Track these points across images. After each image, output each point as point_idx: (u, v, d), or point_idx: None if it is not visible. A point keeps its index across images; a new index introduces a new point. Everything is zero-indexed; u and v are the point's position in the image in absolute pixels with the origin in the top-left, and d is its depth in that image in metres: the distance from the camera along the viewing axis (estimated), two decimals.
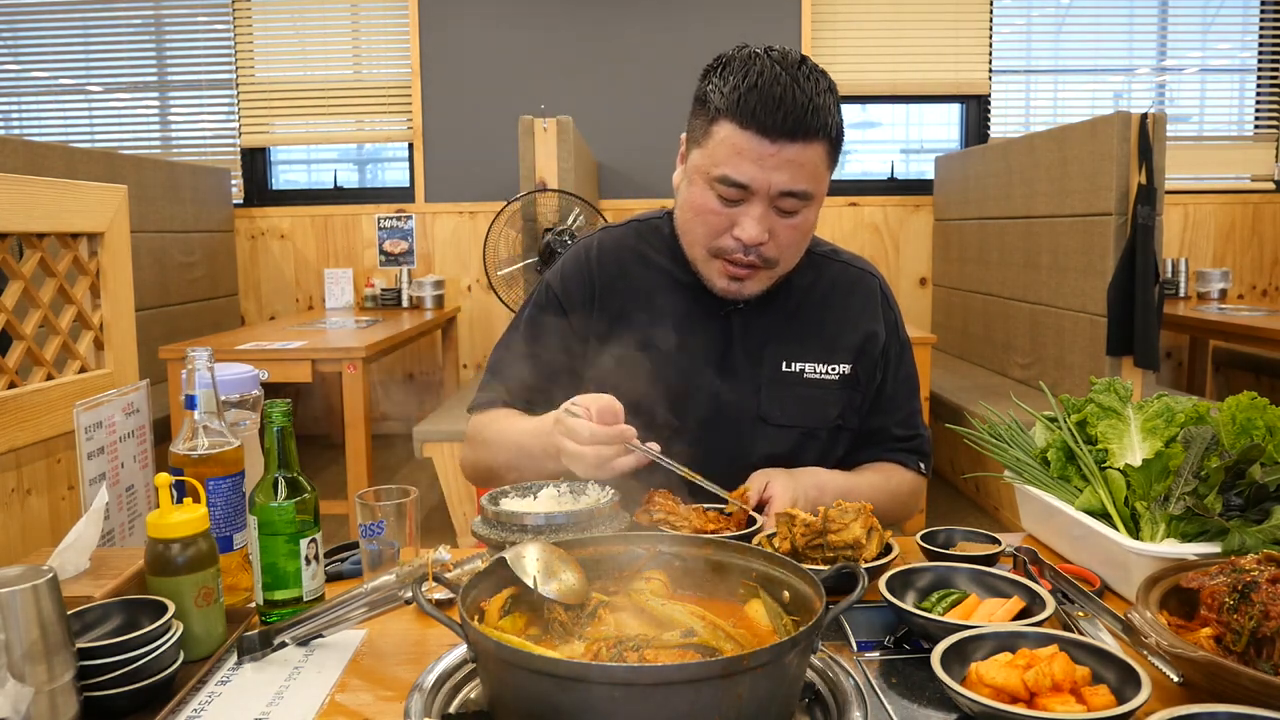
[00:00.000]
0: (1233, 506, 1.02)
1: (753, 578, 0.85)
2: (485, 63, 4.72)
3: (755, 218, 1.20)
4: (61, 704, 0.76)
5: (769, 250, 1.23)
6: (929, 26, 4.77)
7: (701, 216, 1.24)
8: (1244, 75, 4.93)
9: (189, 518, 0.91)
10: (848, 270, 1.42)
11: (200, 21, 4.90)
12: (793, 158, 1.17)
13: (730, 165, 1.18)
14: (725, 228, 1.23)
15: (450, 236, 4.86)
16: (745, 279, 1.26)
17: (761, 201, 1.19)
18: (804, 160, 1.18)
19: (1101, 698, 0.73)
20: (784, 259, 1.27)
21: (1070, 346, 3.42)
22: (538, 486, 1.11)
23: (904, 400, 1.42)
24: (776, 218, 1.21)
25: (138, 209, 3.76)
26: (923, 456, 1.42)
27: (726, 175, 1.18)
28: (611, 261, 1.38)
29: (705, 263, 1.28)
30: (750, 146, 1.16)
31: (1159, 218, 3.02)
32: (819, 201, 1.25)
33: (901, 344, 1.43)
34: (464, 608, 0.73)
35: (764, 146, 1.16)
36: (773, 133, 1.15)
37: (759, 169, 1.17)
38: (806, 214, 1.23)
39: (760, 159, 1.16)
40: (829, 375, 1.35)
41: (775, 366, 1.34)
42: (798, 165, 1.17)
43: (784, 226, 1.22)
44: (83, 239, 1.55)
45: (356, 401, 3.16)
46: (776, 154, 1.16)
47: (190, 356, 1.01)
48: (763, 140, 1.16)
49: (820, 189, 1.23)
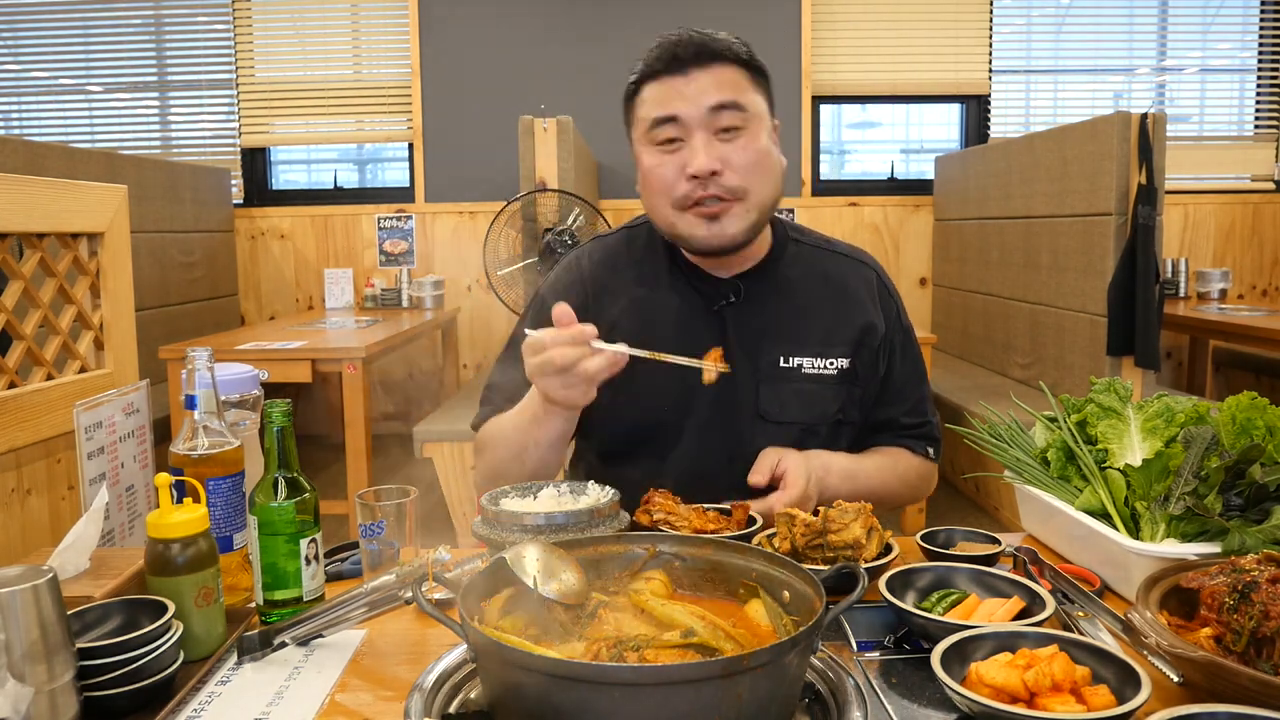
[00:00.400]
0: (1233, 506, 1.02)
1: (753, 578, 0.85)
2: (485, 63, 4.72)
3: (699, 146, 1.22)
4: (61, 704, 0.76)
5: (729, 179, 1.23)
6: (929, 26, 4.77)
7: (654, 175, 1.26)
8: (1244, 75, 4.93)
9: (189, 518, 0.91)
10: (842, 261, 1.42)
11: (200, 21, 4.90)
12: (708, 78, 1.22)
13: (655, 109, 1.24)
14: (677, 174, 1.24)
15: (450, 236, 4.86)
16: (720, 215, 1.25)
17: (698, 129, 1.22)
18: (720, 79, 1.22)
19: (1101, 698, 0.73)
20: (750, 186, 1.25)
21: (1070, 346, 3.42)
22: (537, 487, 1.11)
23: (911, 389, 1.42)
24: (721, 144, 1.23)
25: (138, 209, 3.76)
26: (931, 442, 1.42)
27: (655, 116, 1.23)
28: (603, 269, 1.39)
29: (679, 220, 1.27)
30: (666, 87, 1.23)
31: (1159, 218, 3.02)
32: (762, 126, 1.26)
33: (905, 332, 1.42)
34: (464, 608, 0.73)
35: (677, 80, 1.23)
36: (679, 65, 1.22)
37: (680, 98, 1.22)
38: (751, 133, 1.24)
39: (678, 91, 1.22)
40: (827, 370, 1.34)
41: (772, 362, 1.33)
42: (716, 82, 1.22)
43: (733, 150, 1.23)
44: (83, 239, 1.55)
45: (356, 401, 3.16)
46: (689, 80, 1.22)
47: (190, 356, 1.01)
48: (674, 76, 1.23)
49: (754, 105, 1.25)
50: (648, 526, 1.11)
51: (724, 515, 1.16)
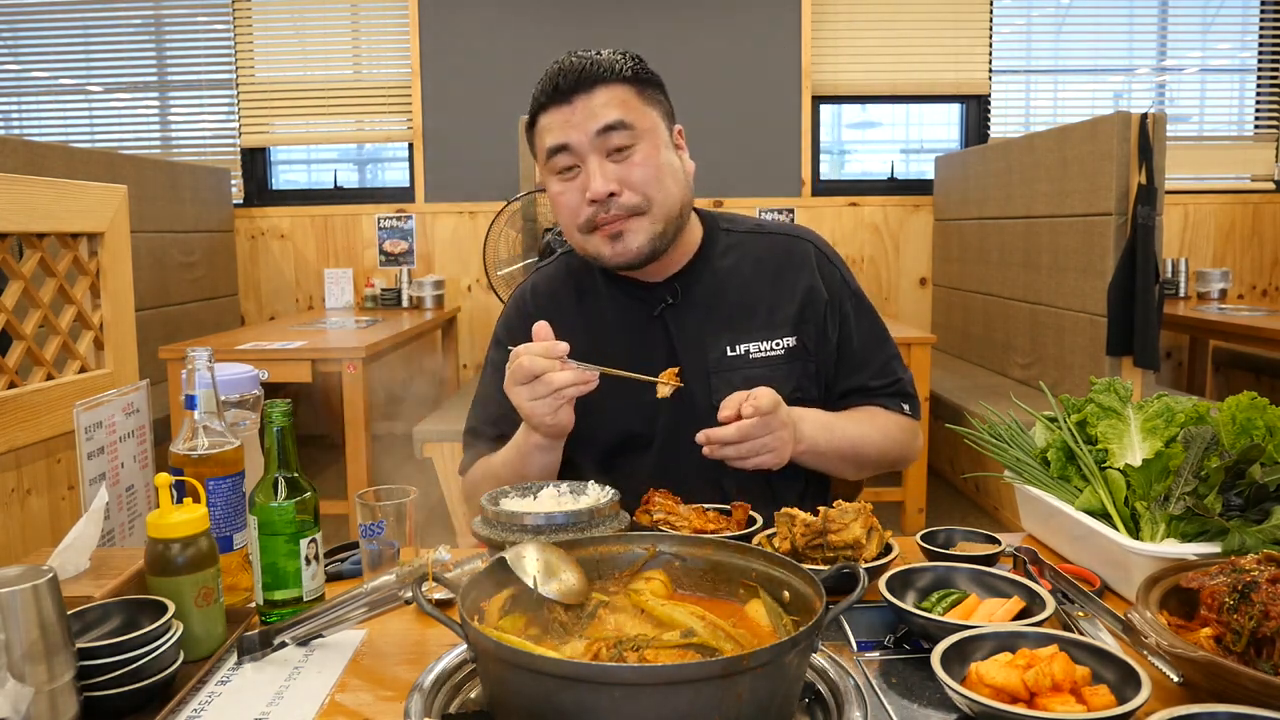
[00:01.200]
0: (1233, 506, 1.02)
1: (753, 578, 0.85)
2: (485, 63, 4.72)
3: (594, 171, 1.25)
4: (61, 704, 0.76)
5: (627, 198, 1.26)
6: (929, 26, 4.77)
7: (559, 202, 1.31)
8: (1244, 75, 4.93)
9: (189, 518, 0.91)
10: (776, 240, 1.42)
11: (200, 21, 4.90)
12: (593, 104, 1.24)
13: (549, 139, 1.27)
14: (579, 200, 1.27)
15: (450, 236, 4.86)
16: (623, 233, 1.28)
17: (591, 153, 1.25)
18: (606, 100, 1.25)
19: (1101, 698, 0.73)
20: (651, 199, 1.27)
21: (1070, 346, 3.42)
22: (537, 487, 1.11)
23: (873, 352, 1.41)
24: (616, 167, 1.25)
25: (138, 209, 3.76)
26: (905, 398, 1.42)
27: (549, 146, 1.27)
28: (546, 299, 1.43)
29: (587, 243, 1.31)
30: (554, 118, 1.26)
31: (1159, 218, 3.02)
32: (655, 137, 1.28)
33: (855, 297, 1.42)
34: (464, 608, 0.73)
35: (564, 110, 1.25)
36: (563, 95, 1.25)
37: (568, 125, 1.25)
38: (643, 149, 1.26)
39: (566, 119, 1.25)
40: (774, 351, 1.35)
41: (720, 353, 1.35)
42: (602, 105, 1.25)
43: (627, 169, 1.26)
44: (83, 239, 1.55)
45: (356, 401, 3.16)
46: (574, 108, 1.25)
47: (190, 356, 1.01)
48: (560, 106, 1.25)
49: (642, 121, 1.27)
50: (648, 527, 1.12)
51: (724, 515, 1.16)
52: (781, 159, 4.80)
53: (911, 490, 3.45)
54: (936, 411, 3.63)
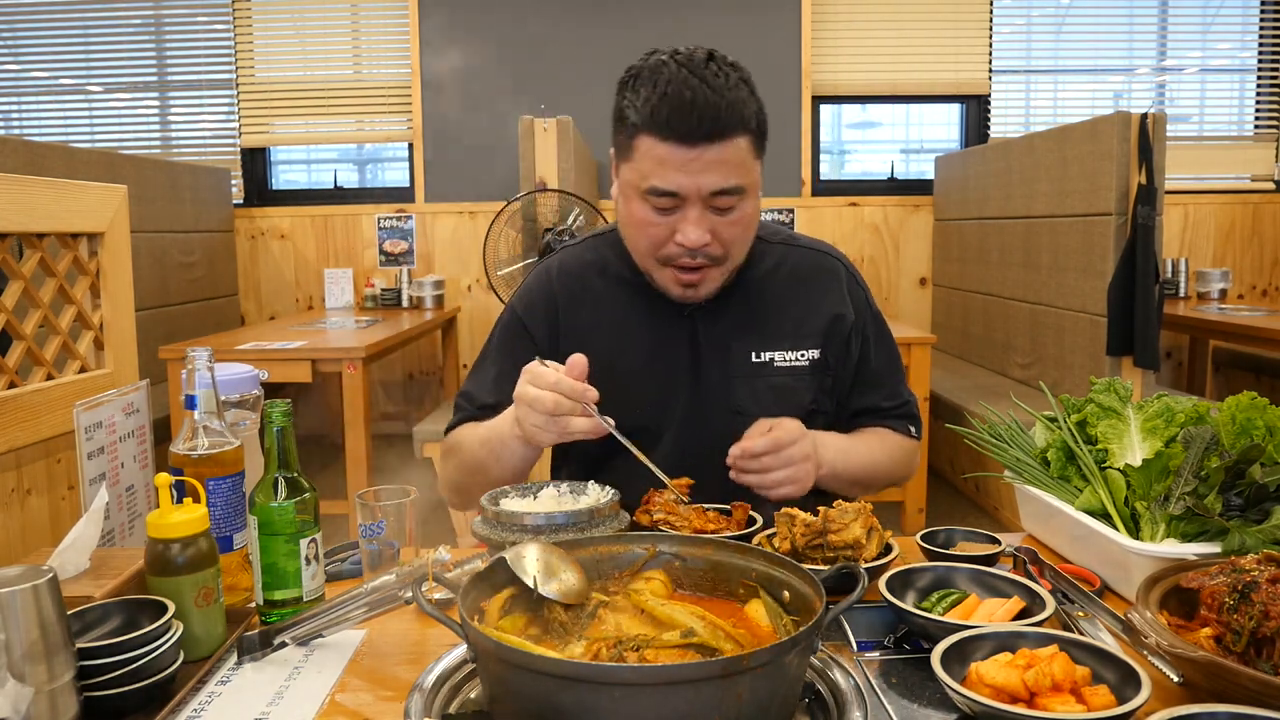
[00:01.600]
0: (1233, 506, 1.02)
1: (753, 578, 0.85)
2: (485, 63, 4.72)
3: (693, 221, 1.21)
4: (61, 704, 0.76)
5: (714, 249, 1.25)
6: (929, 26, 4.77)
7: (641, 229, 1.26)
8: (1244, 75, 4.93)
9: (189, 518, 0.91)
10: (807, 255, 1.43)
11: (200, 21, 4.90)
12: (716, 157, 1.18)
13: (657, 176, 1.19)
14: (667, 236, 1.24)
15: (450, 236, 4.86)
16: (698, 282, 1.28)
17: (695, 204, 1.21)
18: (728, 157, 1.19)
19: (1101, 698, 0.73)
20: (732, 254, 1.28)
21: (1070, 346, 3.42)
22: (537, 486, 1.11)
23: (888, 375, 1.44)
24: (714, 217, 1.23)
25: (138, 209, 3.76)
26: (912, 421, 1.45)
27: (655, 186, 1.20)
28: (572, 278, 1.41)
29: (657, 272, 1.30)
30: (672, 155, 1.17)
31: (1159, 218, 3.02)
32: (754, 192, 1.27)
33: (876, 319, 1.44)
34: (464, 608, 0.73)
35: (685, 153, 1.17)
36: (691, 138, 1.16)
37: (685, 175, 1.18)
38: (744, 207, 1.24)
39: (684, 165, 1.18)
40: (799, 362, 1.36)
41: (745, 359, 1.35)
42: (722, 163, 1.18)
43: (724, 224, 1.24)
44: (83, 239, 1.55)
45: (356, 401, 3.16)
46: (699, 157, 1.17)
47: (190, 356, 1.01)
48: (683, 147, 1.17)
49: (751, 180, 1.24)
50: (648, 527, 1.12)
51: (724, 515, 1.16)
52: (781, 159, 4.79)
53: (911, 490, 3.45)
54: (936, 411, 3.63)
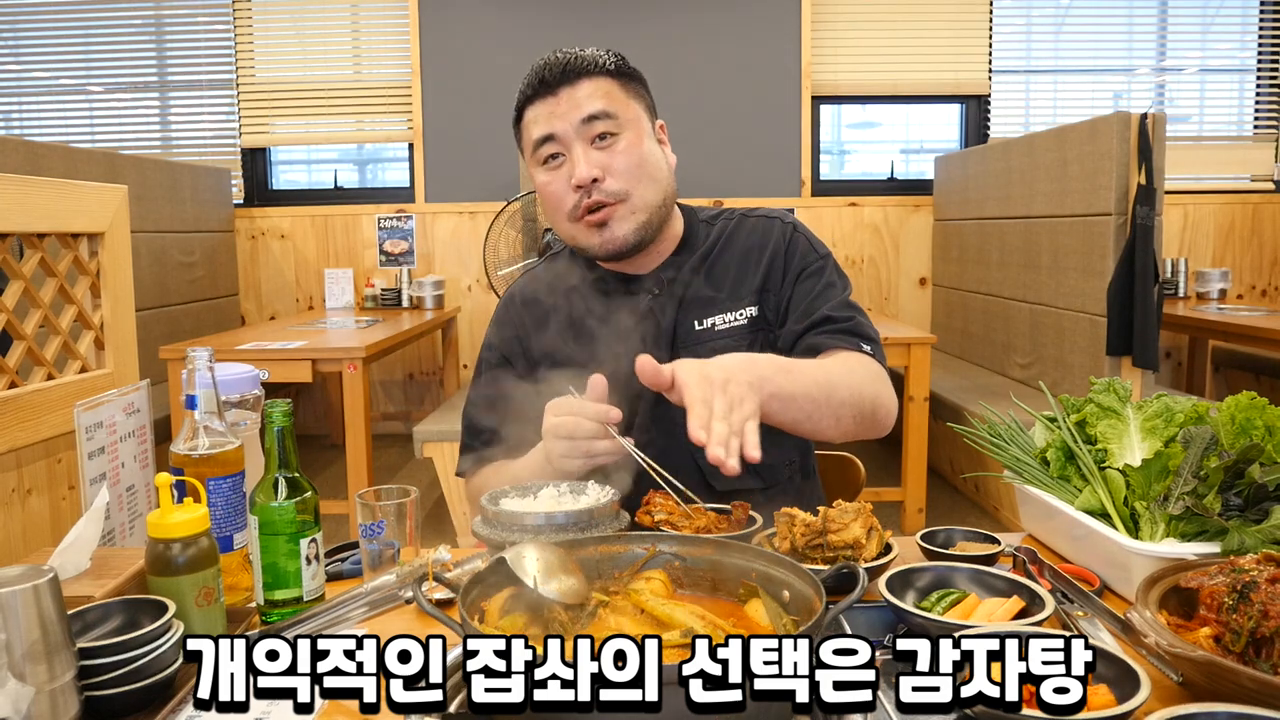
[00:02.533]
0: (1232, 506, 1.02)
1: (753, 578, 0.85)
2: (485, 63, 4.72)
3: (578, 157, 1.28)
4: (62, 704, 0.76)
5: (609, 184, 1.29)
6: (929, 26, 4.77)
7: (546, 192, 1.33)
8: (1244, 75, 4.94)
9: (189, 518, 0.91)
10: (754, 222, 1.45)
11: (200, 21, 4.90)
12: (578, 95, 1.29)
13: (535, 131, 1.31)
14: (565, 187, 1.30)
15: (450, 236, 4.86)
16: (607, 221, 1.31)
17: (575, 141, 1.29)
18: (590, 92, 1.29)
19: (1101, 698, 0.73)
20: (632, 189, 1.30)
21: (1070, 346, 3.42)
22: (537, 486, 1.11)
23: (829, 298, 1.35)
24: (599, 152, 1.29)
25: (138, 209, 3.77)
26: (864, 339, 1.32)
27: (534, 138, 1.31)
28: (533, 302, 1.45)
29: (575, 232, 1.34)
30: (541, 109, 1.31)
31: (1158, 218, 3.02)
32: (638, 128, 1.32)
33: (821, 259, 1.39)
34: (464, 608, 0.73)
35: (549, 101, 1.30)
36: (548, 87, 1.30)
37: (553, 115, 1.29)
38: (626, 138, 1.30)
39: (551, 111, 1.30)
40: (738, 321, 1.37)
41: (688, 330, 1.37)
42: (585, 96, 1.29)
43: (610, 156, 1.29)
44: (83, 239, 1.55)
45: (356, 401, 3.16)
46: (559, 98, 1.29)
47: (190, 356, 1.01)
48: (545, 98, 1.30)
49: (625, 112, 1.31)
50: (649, 527, 1.12)
51: (724, 515, 1.16)
52: (781, 159, 4.80)
53: (911, 490, 3.46)
54: (936, 411, 3.63)
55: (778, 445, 1.40)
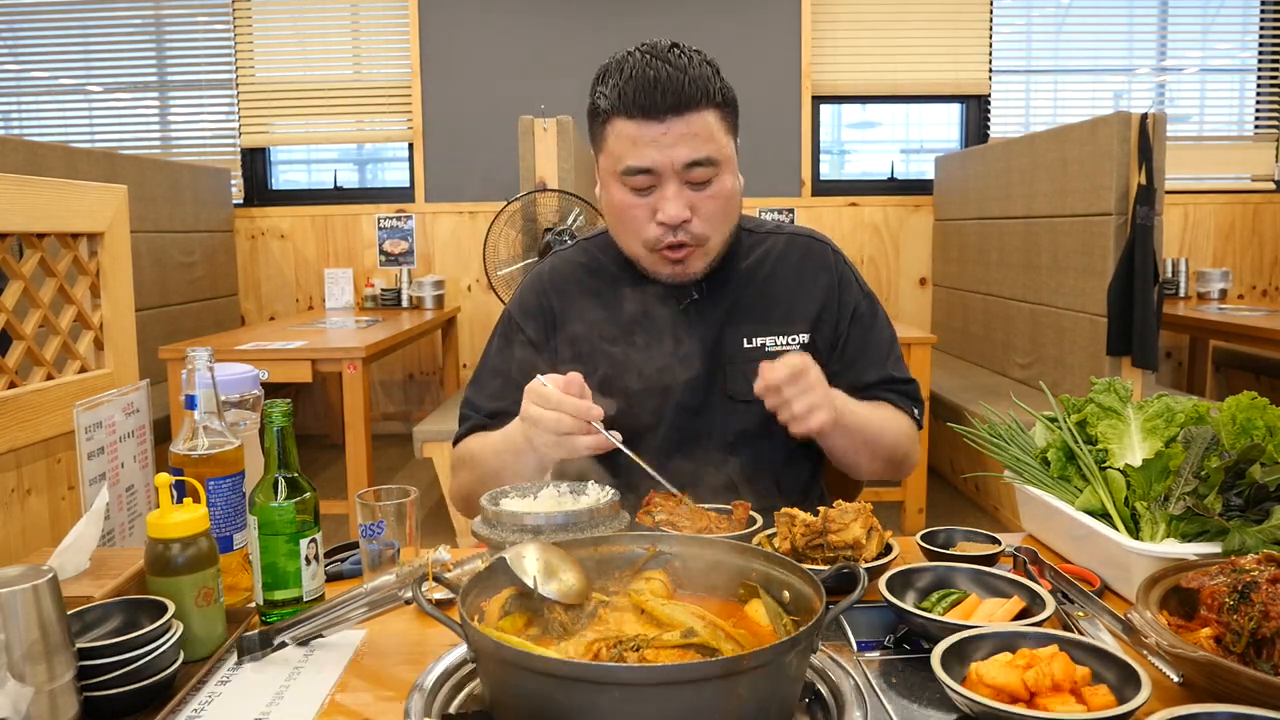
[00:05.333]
0: (1233, 506, 1.02)
1: (753, 578, 0.85)
2: (485, 63, 4.71)
3: (670, 197, 1.24)
4: (61, 704, 0.76)
5: (696, 226, 1.27)
6: (929, 26, 4.77)
7: (623, 214, 1.29)
8: (1244, 75, 4.93)
9: (189, 518, 0.91)
10: (795, 240, 1.44)
11: (200, 21, 4.90)
12: (685, 130, 1.21)
13: (631, 156, 1.23)
14: (648, 218, 1.27)
15: (450, 236, 4.86)
16: (685, 259, 1.29)
17: (671, 180, 1.24)
18: (697, 129, 1.22)
19: (1101, 698, 0.73)
20: (714, 231, 1.29)
21: (1070, 346, 3.42)
22: (538, 487, 1.11)
23: (886, 353, 1.43)
24: (692, 193, 1.25)
25: (138, 209, 3.76)
26: (915, 402, 1.42)
27: (629, 165, 1.24)
28: (565, 281, 1.43)
29: (645, 258, 1.32)
30: (642, 132, 1.22)
31: (1159, 218, 3.02)
32: (730, 166, 1.29)
33: (869, 299, 1.45)
34: (464, 608, 0.73)
35: (654, 128, 1.21)
36: (657, 112, 1.21)
37: (656, 149, 1.22)
38: (720, 181, 1.27)
39: (655, 140, 1.22)
40: (789, 346, 1.37)
41: (737, 345, 1.37)
42: (692, 135, 1.22)
43: (702, 199, 1.26)
44: (83, 239, 1.55)
45: (356, 401, 3.16)
46: (667, 131, 1.21)
47: (190, 356, 1.01)
48: (650, 123, 1.21)
49: (724, 153, 1.26)
50: (649, 528, 1.11)
51: (724, 515, 1.16)
52: (781, 159, 4.80)
53: (911, 490, 3.46)
54: (936, 411, 3.63)
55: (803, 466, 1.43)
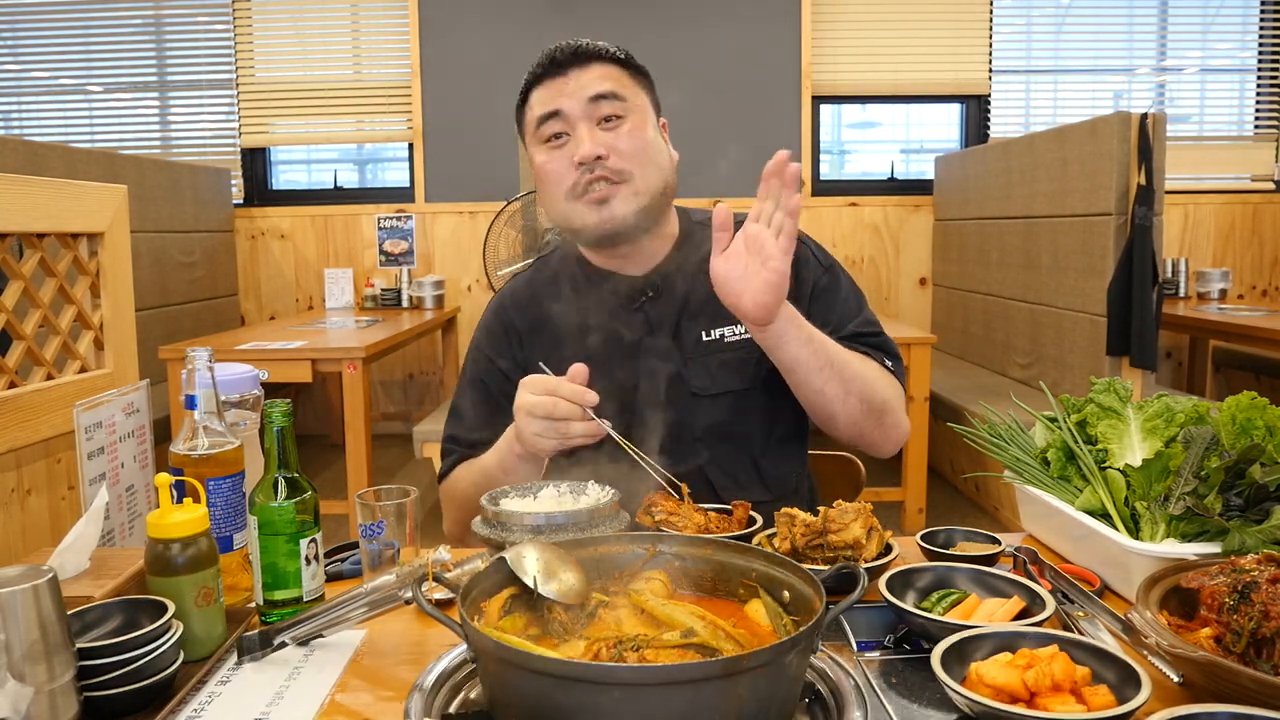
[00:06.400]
0: (1233, 506, 1.02)
1: (753, 578, 0.85)
2: (485, 63, 4.72)
3: (583, 135, 1.28)
4: (61, 704, 0.76)
5: (614, 162, 1.28)
6: (929, 26, 4.77)
7: (546, 170, 1.33)
8: (1244, 75, 4.93)
9: (189, 518, 0.91)
10: None
11: (200, 21, 4.90)
12: (587, 76, 1.30)
13: (540, 108, 1.32)
14: (566, 165, 1.30)
15: (450, 236, 4.86)
16: (608, 198, 1.30)
17: (581, 119, 1.29)
18: (599, 75, 1.30)
19: (1101, 698, 0.73)
20: (634, 167, 1.30)
21: (1070, 346, 3.42)
22: (538, 487, 1.11)
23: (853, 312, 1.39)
24: (604, 133, 1.29)
25: (138, 209, 3.76)
26: (888, 355, 1.37)
27: (539, 115, 1.31)
28: (526, 303, 1.44)
29: (572, 211, 1.32)
30: (548, 88, 1.31)
31: (1158, 218, 3.02)
32: (644, 116, 1.32)
33: (828, 269, 1.41)
34: (464, 608, 0.73)
35: (557, 80, 1.31)
36: (558, 68, 1.31)
37: (561, 94, 1.30)
38: (634, 122, 1.30)
39: (559, 88, 1.30)
40: (747, 334, 1.33)
41: (695, 339, 1.37)
42: (594, 78, 1.30)
43: (616, 137, 1.29)
44: (83, 239, 1.55)
45: (356, 401, 3.16)
46: (569, 78, 1.30)
47: (190, 356, 1.01)
48: (554, 78, 1.31)
49: (633, 97, 1.32)
50: (649, 527, 1.11)
51: (724, 515, 1.16)
52: None
53: (911, 490, 3.46)
54: (936, 411, 3.63)
55: (784, 455, 1.41)
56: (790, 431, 1.41)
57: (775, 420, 1.38)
